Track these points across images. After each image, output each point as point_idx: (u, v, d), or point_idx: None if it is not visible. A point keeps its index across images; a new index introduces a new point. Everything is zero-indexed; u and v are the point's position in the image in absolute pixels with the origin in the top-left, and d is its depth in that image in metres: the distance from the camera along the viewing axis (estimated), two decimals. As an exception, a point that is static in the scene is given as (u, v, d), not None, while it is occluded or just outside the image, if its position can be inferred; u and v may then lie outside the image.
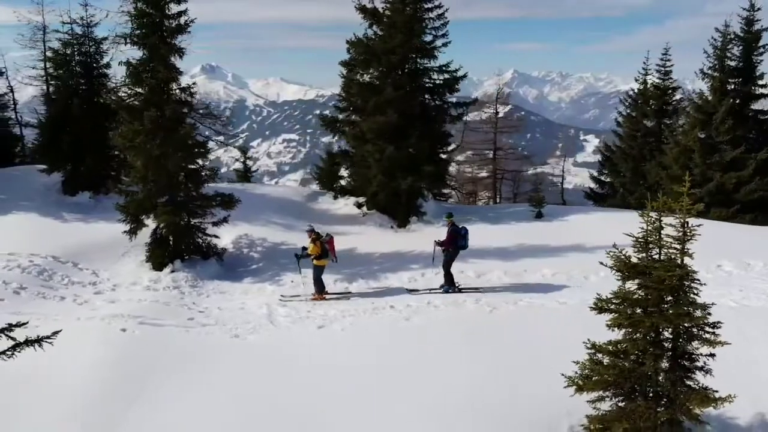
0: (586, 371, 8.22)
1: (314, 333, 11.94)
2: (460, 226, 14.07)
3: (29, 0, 24.89)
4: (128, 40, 15.03)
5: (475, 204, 32.70)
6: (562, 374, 8.34)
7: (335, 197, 22.87)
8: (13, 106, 25.93)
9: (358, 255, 17.01)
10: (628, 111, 31.80)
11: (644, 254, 7.86)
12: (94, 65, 20.24)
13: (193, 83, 15.93)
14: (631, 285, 7.90)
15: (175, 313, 13.30)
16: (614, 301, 8.12)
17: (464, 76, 20.47)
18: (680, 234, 7.49)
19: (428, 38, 19.99)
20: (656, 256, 7.83)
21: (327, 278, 15.43)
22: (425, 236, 18.77)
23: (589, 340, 8.32)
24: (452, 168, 26.64)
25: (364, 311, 12.75)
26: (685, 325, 7.57)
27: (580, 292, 13.11)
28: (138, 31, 15.14)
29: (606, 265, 8.09)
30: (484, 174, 32.51)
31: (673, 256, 7.60)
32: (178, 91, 15.52)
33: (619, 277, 7.94)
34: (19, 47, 25.00)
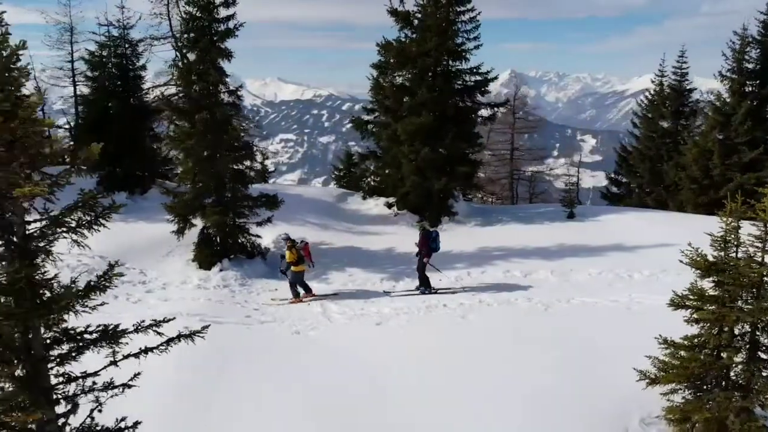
0: (661, 365, 8.61)
1: (373, 329, 12.26)
2: (432, 230, 14.72)
3: (56, 1, 25.23)
4: (178, 43, 15.28)
5: (491, 204, 33.06)
6: (635, 368, 8.73)
7: (364, 197, 23.19)
8: (42, 106, 26.07)
9: (399, 254, 17.34)
10: (644, 112, 32.29)
11: (722, 253, 8.20)
12: (130, 67, 20.49)
13: (240, 86, 16.18)
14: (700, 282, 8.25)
15: (231, 310, 13.61)
16: (690, 298, 8.48)
17: (495, 78, 20.84)
18: (762, 233, 7.82)
19: (459, 40, 20.30)
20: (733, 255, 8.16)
21: (373, 276, 15.78)
22: (459, 236, 19.17)
23: (660, 335, 8.67)
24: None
25: (417, 309, 13.06)
26: (764, 319, 7.93)
27: (628, 291, 13.45)
28: (188, 35, 15.41)
29: (684, 263, 8.41)
30: (501, 174, 32.84)
31: (752, 254, 7.94)
32: (226, 94, 15.79)
33: (698, 275, 8.27)
34: (46, 48, 25.30)
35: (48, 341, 5.41)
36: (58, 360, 5.36)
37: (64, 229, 5.44)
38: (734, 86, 26.39)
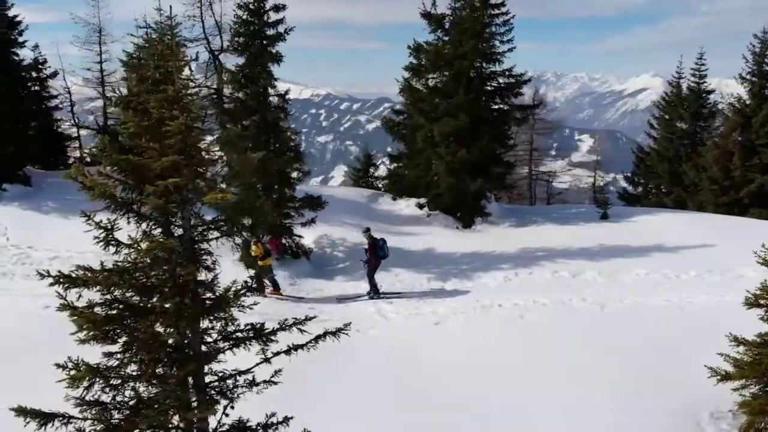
0: (733, 361, 8.96)
1: (431, 328, 12.55)
2: (378, 238, 15.17)
3: (85, 1, 25.41)
4: (230, 47, 15.53)
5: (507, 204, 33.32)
6: (706, 366, 9.06)
7: (394, 198, 23.45)
8: (70, 107, 26.27)
9: (440, 255, 17.62)
10: (661, 113, 32.66)
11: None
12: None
13: (287, 90, 16.42)
14: None
15: (291, 310, 13.85)
16: (765, 296, 8.80)
17: (529, 80, 21.14)
18: None
19: (494, 43, 20.59)
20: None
21: (419, 276, 16.06)
22: (494, 236, 19.47)
23: (731, 333, 8.99)
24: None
25: (473, 309, 13.34)
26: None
27: (677, 291, 13.78)
28: (239, 39, 15.64)
29: (760, 263, 8.70)
30: (521, 174, 33.11)
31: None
32: (275, 97, 16.03)
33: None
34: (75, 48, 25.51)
35: (206, 340, 5.67)
36: (213, 359, 5.61)
37: (218, 234, 5.68)
38: (755, 89, 26.78)
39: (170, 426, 5.53)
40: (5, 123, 19.76)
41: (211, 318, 5.50)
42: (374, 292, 14.87)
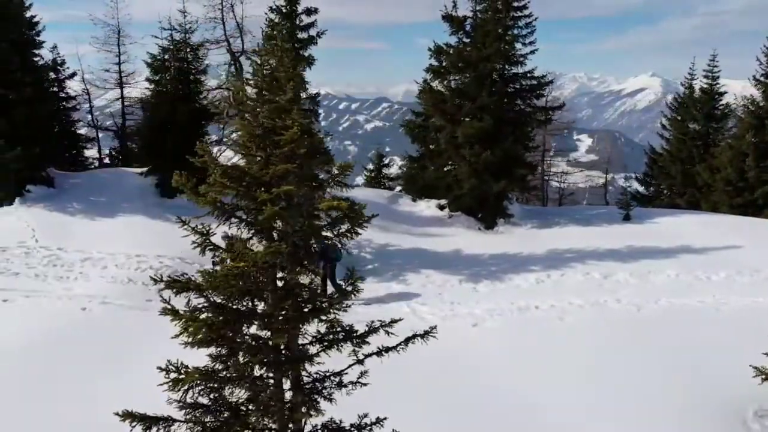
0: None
1: (470, 329, 12.65)
2: (330, 242, 15.01)
3: (103, 2, 25.48)
4: (254, 49, 15.62)
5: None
6: (751, 365, 9.22)
7: (414, 199, 23.55)
8: (89, 108, 26.33)
9: (468, 256, 17.72)
10: (674, 114, 32.83)
11: None
12: (192, 70, 20.77)
13: (317, 93, 16.51)
14: None
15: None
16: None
17: (551, 81, 21.27)
18: None
19: (517, 45, 20.73)
20: None
21: (451, 278, 16.16)
22: (519, 238, 19.59)
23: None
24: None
25: (510, 311, 13.45)
26: None
27: (710, 292, 13.91)
28: (271, 42, 15.71)
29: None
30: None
31: None
32: (306, 100, 16.12)
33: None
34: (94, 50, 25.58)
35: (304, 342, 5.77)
36: (311, 361, 5.71)
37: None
38: (768, 91, 26.97)
39: (266, 428, 5.62)
40: (31, 124, 19.81)
41: (316, 321, 5.60)
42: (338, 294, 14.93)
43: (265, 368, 5.56)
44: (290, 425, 5.74)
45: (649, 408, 9.33)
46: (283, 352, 5.69)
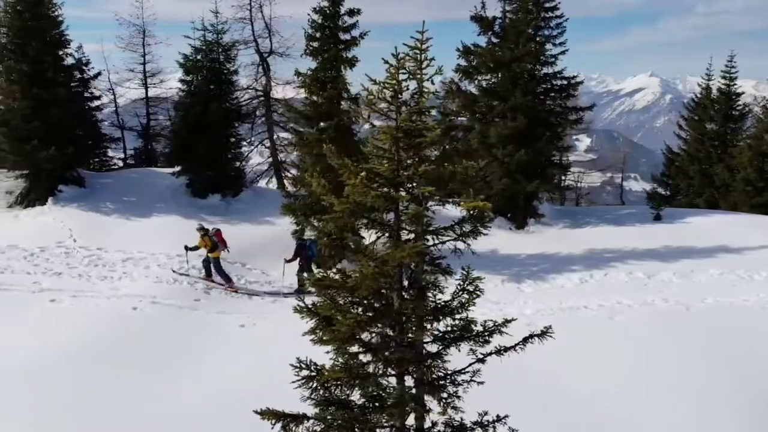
0: None
1: (524, 330, 12.67)
2: (306, 239, 15.76)
3: (128, 2, 25.51)
4: (305, 52, 15.70)
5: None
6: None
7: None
8: (114, 108, 26.35)
9: (505, 256, 17.81)
10: (691, 115, 32.98)
11: None
12: (224, 71, 20.82)
13: (358, 94, 16.57)
14: None
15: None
16: None
17: (581, 82, 21.40)
18: None
19: (547, 46, 20.86)
20: None
21: (494, 278, 16.21)
22: (552, 238, 19.70)
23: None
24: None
25: (560, 311, 13.54)
26: None
27: (754, 291, 14.04)
28: (313, 44, 15.80)
29: None
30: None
31: None
32: (347, 101, 16.19)
33: None
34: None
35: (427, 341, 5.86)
36: (440, 359, 5.81)
37: (451, 237, 5.87)
38: (789, 91, 27.20)
39: (390, 426, 5.71)
40: (64, 124, 19.87)
41: (448, 319, 5.70)
42: (299, 290, 15.28)
43: (390, 366, 5.65)
44: (412, 423, 5.84)
45: (707, 405, 9.43)
46: (417, 351, 5.78)
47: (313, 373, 5.39)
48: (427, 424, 5.99)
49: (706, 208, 29.13)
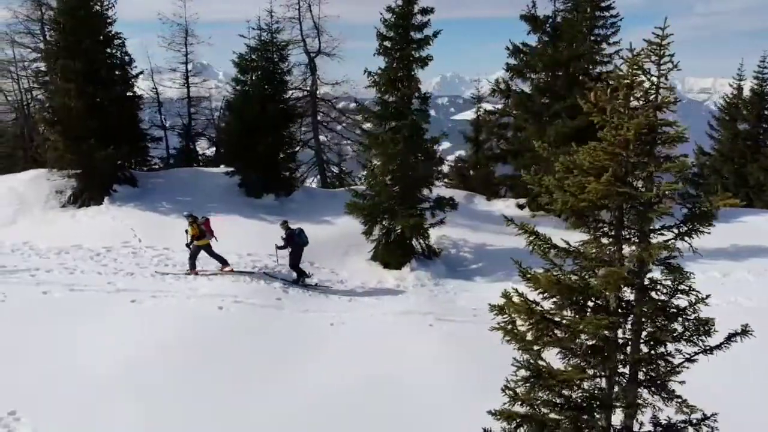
0: None
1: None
2: (295, 228, 15.78)
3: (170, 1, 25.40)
4: (377, 51, 15.69)
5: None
6: None
7: (488, 199, 23.70)
8: (158, 107, 26.24)
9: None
10: (722, 115, 33.06)
11: None
12: (278, 71, 20.75)
13: (426, 92, 16.55)
14: None
15: (457, 310, 14.03)
16: None
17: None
18: None
19: (603, 45, 20.91)
20: None
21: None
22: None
23: None
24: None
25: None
26: None
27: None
28: (385, 43, 15.78)
29: None
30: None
31: None
32: (418, 101, 16.19)
33: None
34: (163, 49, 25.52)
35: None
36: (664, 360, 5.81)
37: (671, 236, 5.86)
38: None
39: (600, 427, 5.71)
40: (121, 123, 19.80)
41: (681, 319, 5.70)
42: (301, 279, 15.45)
43: (601, 365, 5.65)
44: (620, 421, 5.84)
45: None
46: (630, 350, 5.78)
47: (536, 374, 5.38)
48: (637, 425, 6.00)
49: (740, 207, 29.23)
